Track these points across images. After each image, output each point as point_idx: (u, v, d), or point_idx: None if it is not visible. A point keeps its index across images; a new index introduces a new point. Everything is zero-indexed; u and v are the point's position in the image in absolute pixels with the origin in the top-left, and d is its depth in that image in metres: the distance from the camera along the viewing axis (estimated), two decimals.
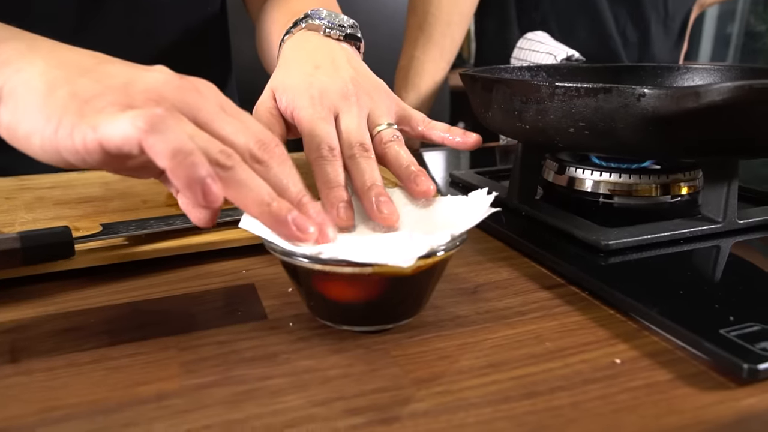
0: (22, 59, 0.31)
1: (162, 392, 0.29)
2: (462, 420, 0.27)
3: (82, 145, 0.28)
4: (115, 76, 0.30)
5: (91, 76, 0.30)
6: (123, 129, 0.27)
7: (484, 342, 0.33)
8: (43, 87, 0.29)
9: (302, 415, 0.27)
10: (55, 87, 0.29)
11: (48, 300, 0.38)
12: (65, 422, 0.27)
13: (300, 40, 0.50)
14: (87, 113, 0.28)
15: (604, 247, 0.43)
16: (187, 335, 0.34)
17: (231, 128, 0.31)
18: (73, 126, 0.28)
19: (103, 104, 0.28)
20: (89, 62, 0.31)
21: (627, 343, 0.33)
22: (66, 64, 0.31)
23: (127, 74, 0.31)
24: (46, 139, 0.29)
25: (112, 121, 0.27)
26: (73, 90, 0.29)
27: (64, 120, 0.28)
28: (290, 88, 0.44)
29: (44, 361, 0.32)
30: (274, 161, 0.32)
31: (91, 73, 0.30)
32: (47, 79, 0.29)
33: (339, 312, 0.34)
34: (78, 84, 0.29)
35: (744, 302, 0.35)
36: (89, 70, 0.30)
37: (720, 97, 0.34)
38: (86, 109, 0.28)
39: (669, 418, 0.27)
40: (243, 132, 0.32)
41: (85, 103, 0.28)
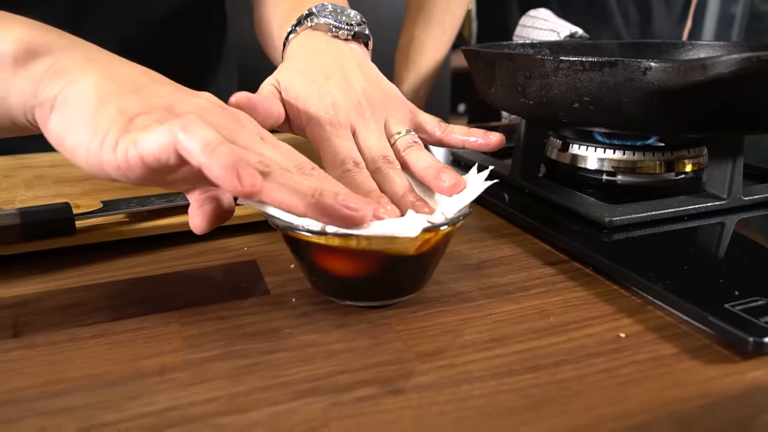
0: (78, 70, 0.30)
1: (165, 366, 0.29)
2: (466, 393, 0.27)
3: (123, 160, 0.28)
4: (163, 97, 0.31)
5: (141, 94, 0.30)
6: (160, 137, 0.27)
7: (488, 317, 0.33)
8: (95, 101, 0.29)
9: (306, 388, 0.27)
10: (106, 102, 0.29)
11: (50, 276, 0.38)
12: (68, 395, 0.27)
13: (307, 41, 0.48)
14: (130, 129, 0.28)
15: (608, 224, 0.42)
16: (190, 310, 0.34)
17: (269, 153, 0.31)
18: (116, 141, 0.28)
19: (147, 122, 0.29)
20: (142, 80, 0.32)
21: (631, 318, 0.33)
22: (119, 79, 0.31)
23: (175, 96, 0.31)
24: (91, 153, 0.29)
25: (151, 134, 0.27)
26: (122, 107, 0.29)
27: (109, 135, 0.28)
28: (301, 97, 0.42)
29: (47, 336, 0.32)
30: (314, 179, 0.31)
31: (141, 91, 0.30)
32: (100, 93, 0.29)
33: (341, 287, 0.34)
34: (127, 101, 0.29)
35: (749, 277, 0.35)
36: (140, 88, 0.31)
37: (727, 69, 0.34)
38: (130, 126, 0.28)
39: (673, 391, 0.27)
40: (282, 156, 0.31)
41: (130, 121, 0.29)
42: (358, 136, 0.41)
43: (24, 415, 0.26)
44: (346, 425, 0.25)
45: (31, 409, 0.26)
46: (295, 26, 0.49)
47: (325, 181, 0.32)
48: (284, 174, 0.29)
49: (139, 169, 0.28)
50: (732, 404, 0.26)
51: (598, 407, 0.26)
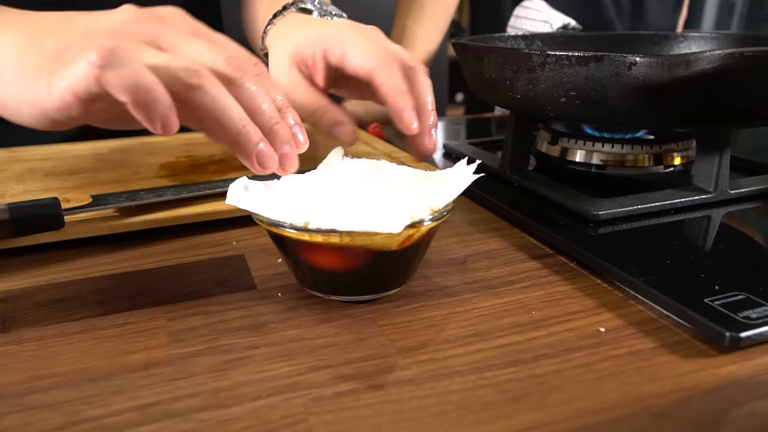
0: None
1: (150, 361, 0.29)
2: (446, 387, 0.27)
3: (59, 98, 0.28)
4: (77, 27, 0.30)
5: (56, 34, 0.29)
6: (81, 69, 0.27)
7: (471, 311, 0.34)
8: (17, 56, 0.29)
9: (288, 383, 0.28)
10: (26, 54, 0.29)
11: (39, 271, 0.39)
12: (55, 390, 0.27)
13: (295, 18, 0.49)
14: (57, 69, 0.28)
15: (594, 218, 0.43)
16: (177, 305, 0.35)
17: (197, 49, 0.30)
18: (48, 84, 0.28)
19: (70, 56, 0.28)
20: (54, 20, 0.31)
21: (612, 312, 0.33)
22: (32, 28, 0.30)
23: (89, 22, 0.30)
24: (32, 105, 0.29)
25: (75, 66, 0.27)
26: (42, 51, 0.29)
27: (40, 81, 0.28)
28: (315, 38, 0.42)
29: (35, 331, 0.32)
30: (247, 79, 0.31)
31: (56, 31, 0.30)
32: (18, 48, 0.29)
33: (326, 282, 0.34)
34: (46, 45, 0.29)
35: (730, 272, 0.35)
36: (54, 28, 0.30)
37: (710, 65, 0.34)
38: (56, 65, 0.28)
39: (650, 385, 0.27)
40: (210, 51, 0.30)
41: (55, 60, 0.28)
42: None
43: (10, 410, 0.26)
44: (325, 420, 0.25)
45: (17, 404, 0.26)
46: (281, 11, 0.50)
47: (258, 93, 0.31)
48: (214, 86, 0.29)
49: (75, 104, 0.28)
50: (706, 398, 0.26)
51: (575, 401, 0.26)
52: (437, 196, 0.34)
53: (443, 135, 0.79)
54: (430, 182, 0.36)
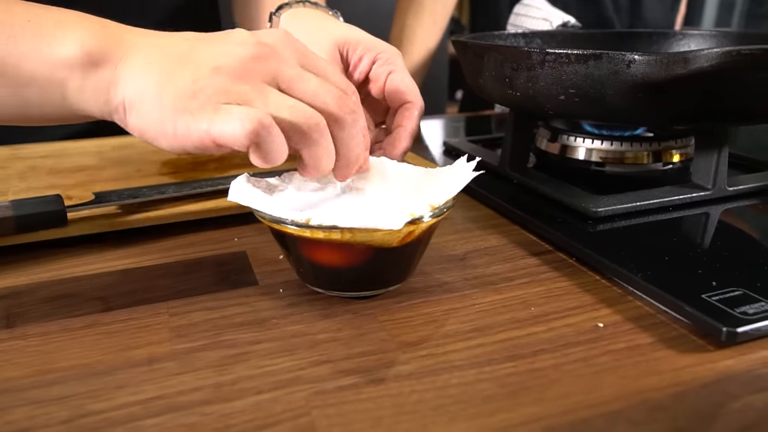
0: (133, 71, 0.32)
1: (153, 356, 0.30)
2: (445, 382, 0.28)
3: (199, 141, 0.30)
4: (204, 60, 0.31)
5: (187, 68, 0.31)
6: (234, 132, 0.29)
7: (471, 307, 0.34)
8: (153, 90, 0.31)
9: (290, 377, 0.28)
10: (162, 88, 0.31)
11: (42, 267, 0.39)
12: (59, 384, 0.28)
13: (303, 12, 0.51)
14: (194, 110, 0.30)
15: (593, 214, 0.43)
16: (179, 301, 0.35)
17: (311, 87, 0.32)
18: (187, 126, 0.30)
19: (203, 100, 0.30)
20: (181, 49, 0.32)
21: (611, 308, 0.34)
22: (163, 57, 0.32)
23: (215, 56, 0.31)
24: (170, 140, 0.31)
25: (223, 122, 0.30)
26: (175, 88, 0.31)
27: (178, 122, 0.30)
28: (365, 40, 0.46)
29: (38, 326, 0.32)
30: (347, 120, 0.33)
31: (186, 63, 0.31)
32: (152, 81, 0.31)
33: (327, 278, 0.35)
34: (178, 80, 0.31)
35: (728, 268, 0.36)
36: (183, 60, 0.31)
37: (708, 63, 0.34)
38: (192, 106, 0.30)
39: (647, 379, 0.28)
40: (322, 88, 0.32)
41: (190, 100, 0.30)
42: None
43: (15, 404, 0.26)
44: (327, 413, 0.26)
45: (23, 398, 0.27)
46: (286, 3, 0.51)
47: (351, 136, 0.34)
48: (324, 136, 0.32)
49: (214, 147, 0.31)
50: (702, 392, 0.27)
51: (573, 395, 0.27)
52: (437, 193, 0.35)
53: (443, 132, 0.80)
54: (430, 179, 0.37)
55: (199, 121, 0.30)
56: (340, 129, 0.33)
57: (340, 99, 0.33)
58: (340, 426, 0.25)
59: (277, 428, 0.25)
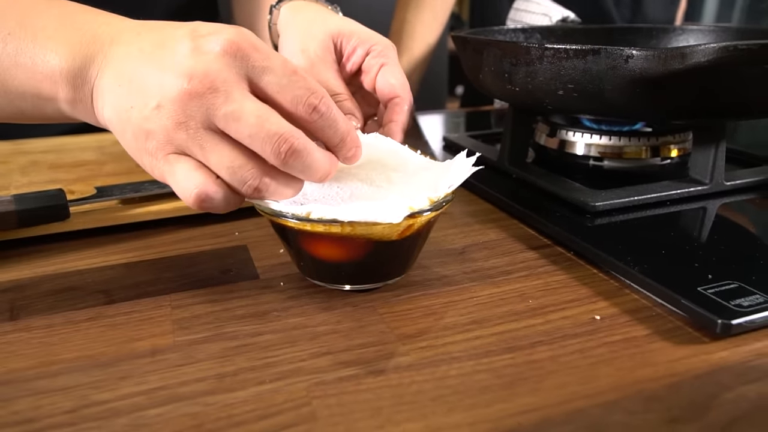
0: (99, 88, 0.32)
1: (156, 348, 0.30)
2: (444, 373, 0.28)
3: (165, 182, 0.32)
4: (150, 95, 0.30)
5: (139, 98, 0.30)
6: (182, 195, 0.31)
7: (470, 300, 0.34)
8: (117, 125, 0.32)
9: (291, 369, 0.28)
10: (122, 126, 0.32)
11: (45, 261, 0.39)
12: (63, 375, 0.28)
13: (301, 5, 0.51)
14: (152, 153, 0.31)
15: (591, 209, 0.43)
16: (181, 294, 0.35)
17: (247, 132, 0.30)
18: (150, 167, 0.32)
19: (155, 145, 0.31)
20: (133, 67, 0.31)
21: (608, 301, 0.34)
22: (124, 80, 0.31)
23: (157, 88, 0.30)
24: (146, 167, 0.32)
25: (172, 181, 0.31)
26: (132, 129, 0.31)
27: (143, 159, 0.32)
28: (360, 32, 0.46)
29: (42, 319, 0.33)
30: (289, 162, 0.31)
31: (138, 92, 0.30)
32: (116, 112, 0.32)
33: (327, 271, 0.35)
34: (133, 117, 0.31)
35: (724, 261, 0.36)
36: (136, 85, 0.30)
37: (705, 58, 0.34)
38: (149, 147, 0.31)
39: (643, 370, 0.28)
40: (260, 133, 0.30)
41: (146, 141, 0.31)
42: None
43: (20, 394, 0.27)
44: (327, 403, 0.26)
45: (28, 389, 0.27)
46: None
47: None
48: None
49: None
50: (697, 383, 0.27)
51: (569, 386, 0.27)
52: (436, 186, 0.35)
53: (443, 127, 0.80)
54: (430, 173, 0.37)
55: (156, 167, 0.31)
56: (293, 167, 0.31)
57: (279, 141, 0.30)
58: (341, 416, 0.25)
59: (279, 418, 0.25)
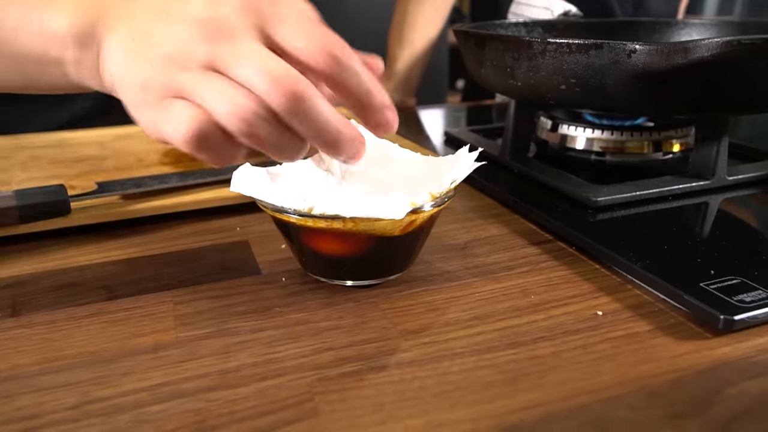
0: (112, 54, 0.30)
1: (159, 343, 0.30)
2: (447, 369, 0.28)
3: (157, 137, 0.30)
4: (159, 46, 0.29)
5: (147, 52, 0.29)
6: (173, 136, 0.28)
7: (471, 296, 0.34)
8: (121, 80, 0.30)
9: (293, 365, 0.28)
10: (126, 82, 0.30)
11: (46, 257, 0.39)
12: (66, 371, 0.28)
13: None
14: (149, 104, 0.29)
15: (592, 204, 0.43)
16: (183, 290, 0.35)
17: (246, 73, 0.28)
18: (145, 120, 0.30)
19: (152, 94, 0.29)
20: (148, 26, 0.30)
21: (610, 296, 0.34)
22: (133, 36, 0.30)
23: (166, 38, 0.29)
24: (146, 130, 0.30)
25: (164, 122, 0.28)
26: (134, 81, 0.29)
27: (140, 115, 0.30)
28: None
29: (44, 315, 0.33)
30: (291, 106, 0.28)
31: (146, 48, 0.29)
32: (122, 67, 0.30)
33: (329, 267, 0.35)
34: (138, 70, 0.29)
35: (727, 257, 0.36)
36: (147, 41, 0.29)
37: (709, 52, 0.34)
38: (148, 98, 0.29)
39: (645, 366, 0.28)
40: (261, 70, 0.28)
41: (143, 92, 0.29)
42: None
43: (23, 390, 0.27)
44: (330, 399, 0.26)
45: (31, 385, 0.27)
46: None
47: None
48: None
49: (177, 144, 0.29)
50: (700, 379, 0.27)
51: (572, 381, 0.27)
52: (438, 182, 0.35)
53: (444, 122, 0.80)
54: (432, 168, 0.37)
55: (149, 117, 0.29)
56: (294, 115, 0.28)
57: (279, 83, 0.27)
58: (343, 412, 0.25)
59: (282, 414, 0.25)
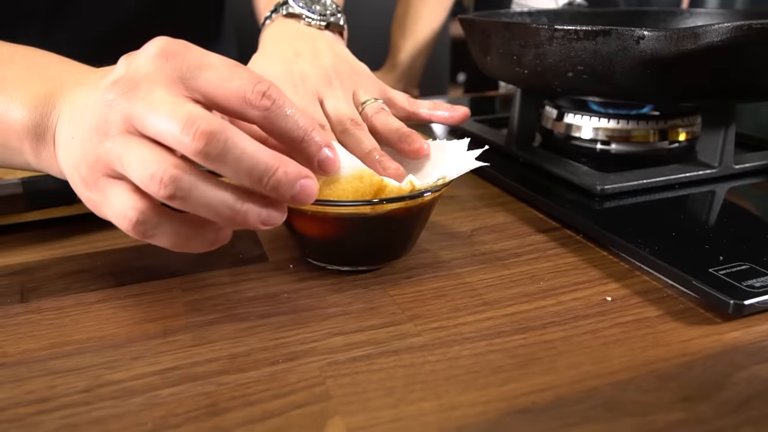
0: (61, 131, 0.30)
1: (168, 328, 0.30)
2: (457, 353, 0.28)
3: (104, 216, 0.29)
4: (85, 121, 0.28)
5: (77, 135, 0.28)
6: (117, 221, 0.28)
7: (480, 282, 0.34)
8: (66, 169, 0.30)
9: (304, 349, 0.28)
10: (69, 170, 0.30)
11: (54, 244, 0.39)
12: (77, 356, 0.28)
13: (279, 28, 0.47)
14: (87, 183, 0.29)
15: (599, 192, 0.43)
16: (191, 276, 0.35)
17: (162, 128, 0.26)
18: (88, 202, 0.29)
19: (87, 171, 0.28)
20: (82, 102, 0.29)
21: (618, 282, 0.34)
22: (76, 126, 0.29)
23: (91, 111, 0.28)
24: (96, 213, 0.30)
25: (108, 209, 0.28)
26: (69, 164, 0.29)
27: (84, 197, 0.30)
28: (271, 77, 0.37)
29: (53, 301, 0.33)
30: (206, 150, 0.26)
31: (76, 130, 0.29)
32: (66, 159, 0.30)
33: (323, 252, 0.35)
34: (74, 151, 0.29)
35: (735, 243, 0.36)
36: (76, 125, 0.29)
37: (719, 37, 0.34)
38: (83, 175, 0.28)
39: (655, 350, 0.28)
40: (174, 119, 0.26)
41: (81, 168, 0.28)
42: (326, 104, 0.41)
43: (35, 374, 0.27)
44: (341, 383, 0.26)
45: (42, 369, 0.27)
46: (272, 13, 0.49)
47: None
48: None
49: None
50: (709, 363, 0.27)
51: (582, 365, 0.27)
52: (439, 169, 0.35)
53: None
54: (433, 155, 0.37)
55: (92, 199, 0.29)
56: (215, 157, 0.25)
57: (192, 123, 0.25)
58: (354, 395, 0.25)
59: (293, 397, 0.25)
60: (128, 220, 0.27)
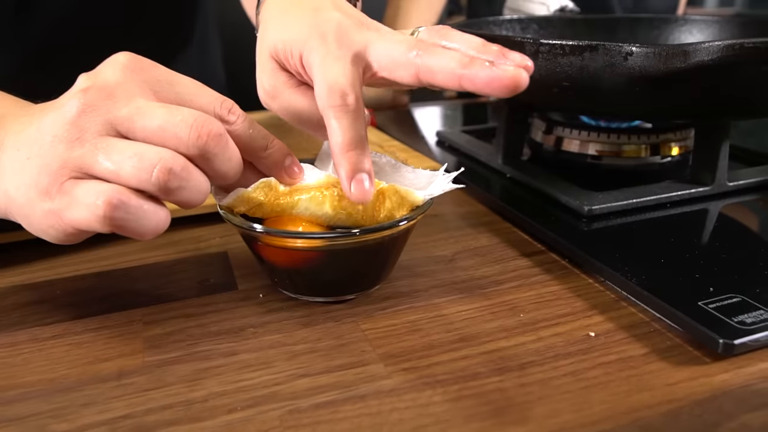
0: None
1: (123, 369, 0.28)
2: (428, 399, 0.26)
3: (63, 233, 0.28)
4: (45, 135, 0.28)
5: (34, 151, 0.28)
6: (89, 222, 0.27)
7: (458, 314, 0.33)
8: (18, 197, 0.28)
9: (265, 394, 0.27)
10: (25, 194, 0.28)
11: (13, 270, 0.38)
12: (21, 402, 0.26)
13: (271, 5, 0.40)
14: (49, 193, 0.27)
15: (586, 213, 0.41)
16: (155, 307, 0.33)
17: (157, 122, 0.27)
18: (46, 216, 0.28)
19: (49, 179, 0.27)
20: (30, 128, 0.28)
21: (603, 315, 0.32)
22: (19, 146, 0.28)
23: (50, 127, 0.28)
24: (49, 236, 0.29)
25: (73, 208, 0.27)
26: (24, 180, 0.28)
27: (39, 214, 0.28)
28: (293, 40, 0.34)
29: (6, 336, 0.31)
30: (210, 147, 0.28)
31: (31, 149, 0.28)
32: (18, 182, 0.28)
33: (292, 282, 0.33)
34: (29, 169, 0.28)
35: (726, 272, 0.34)
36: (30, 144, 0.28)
37: (709, 56, 0.32)
38: (48, 187, 0.27)
39: (639, 396, 0.26)
40: (172, 120, 0.27)
41: (39, 178, 0.27)
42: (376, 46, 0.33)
43: None
44: None
45: None
46: None
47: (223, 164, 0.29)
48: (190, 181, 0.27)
49: (78, 234, 0.28)
50: (696, 411, 0.25)
51: (561, 413, 0.25)
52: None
53: (439, 121, 0.78)
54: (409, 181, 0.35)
55: (52, 209, 0.27)
56: (207, 161, 0.28)
57: (197, 124, 0.27)
58: None
59: None
60: (105, 203, 0.26)
